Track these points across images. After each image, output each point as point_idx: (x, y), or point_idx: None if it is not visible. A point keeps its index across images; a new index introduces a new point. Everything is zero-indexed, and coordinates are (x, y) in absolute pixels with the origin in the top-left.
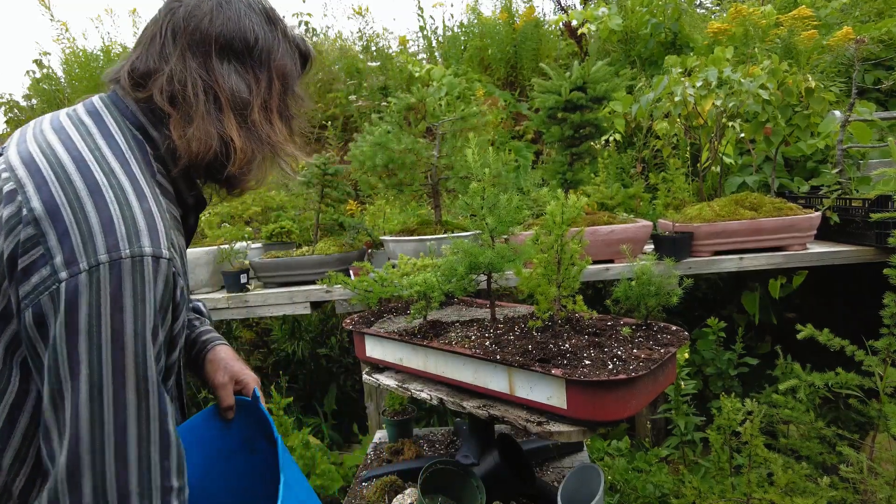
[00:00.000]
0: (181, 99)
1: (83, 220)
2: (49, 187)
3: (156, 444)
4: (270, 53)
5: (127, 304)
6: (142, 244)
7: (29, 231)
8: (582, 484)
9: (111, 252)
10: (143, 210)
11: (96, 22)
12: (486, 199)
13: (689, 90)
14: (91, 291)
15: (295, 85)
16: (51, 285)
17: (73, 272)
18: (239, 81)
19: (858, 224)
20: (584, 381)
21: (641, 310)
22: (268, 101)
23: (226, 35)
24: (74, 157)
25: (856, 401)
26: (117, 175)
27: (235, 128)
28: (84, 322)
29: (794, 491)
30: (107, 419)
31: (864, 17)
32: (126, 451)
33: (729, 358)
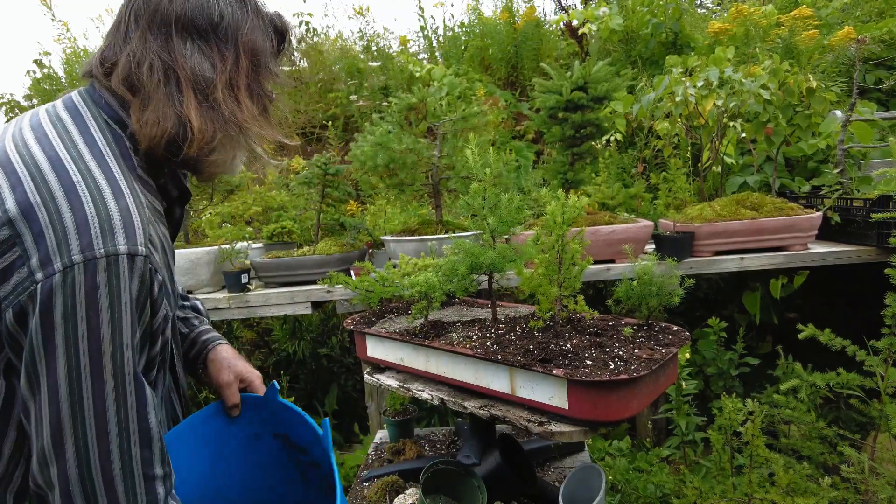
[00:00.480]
0: (138, 82)
1: (58, 220)
2: (24, 187)
3: (135, 434)
4: (238, 30)
5: (102, 303)
6: (116, 242)
7: (5, 232)
8: (583, 484)
9: (85, 251)
10: (119, 208)
11: (97, 22)
12: (488, 200)
13: (691, 90)
14: (65, 291)
15: (270, 62)
16: (28, 286)
17: (48, 273)
18: (202, 60)
19: (860, 224)
20: (585, 382)
21: (643, 310)
22: (234, 78)
23: (187, 13)
24: (50, 157)
25: (857, 401)
26: (93, 174)
27: (194, 107)
28: (60, 321)
29: (795, 491)
30: (87, 413)
31: (865, 16)
32: (108, 442)
33: (730, 358)
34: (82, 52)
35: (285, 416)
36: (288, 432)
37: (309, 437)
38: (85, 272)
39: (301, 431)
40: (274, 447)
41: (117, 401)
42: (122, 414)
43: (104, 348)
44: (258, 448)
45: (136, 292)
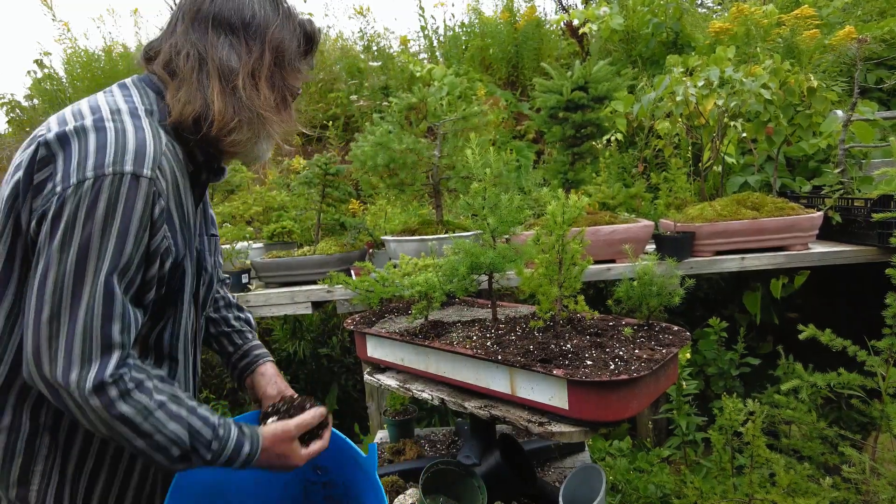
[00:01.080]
0: (176, 67)
1: (84, 145)
2: (66, 123)
3: (96, 336)
4: (266, 28)
5: (98, 216)
6: (124, 163)
7: (43, 152)
8: (583, 484)
9: (97, 169)
10: (136, 138)
11: (98, 22)
12: (488, 200)
13: (691, 90)
14: (72, 202)
15: (295, 60)
16: (50, 197)
17: (65, 186)
18: (230, 52)
19: (860, 224)
20: (585, 382)
21: (643, 310)
22: (257, 69)
23: (224, 12)
24: (91, 105)
25: (858, 401)
26: (122, 115)
27: (218, 92)
28: (61, 228)
29: (796, 491)
30: (63, 306)
31: (866, 16)
32: (73, 332)
33: (731, 358)
34: (83, 52)
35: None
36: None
37: (337, 458)
38: (92, 186)
39: (329, 452)
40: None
41: (87, 305)
42: (88, 316)
43: (90, 258)
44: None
45: (135, 210)
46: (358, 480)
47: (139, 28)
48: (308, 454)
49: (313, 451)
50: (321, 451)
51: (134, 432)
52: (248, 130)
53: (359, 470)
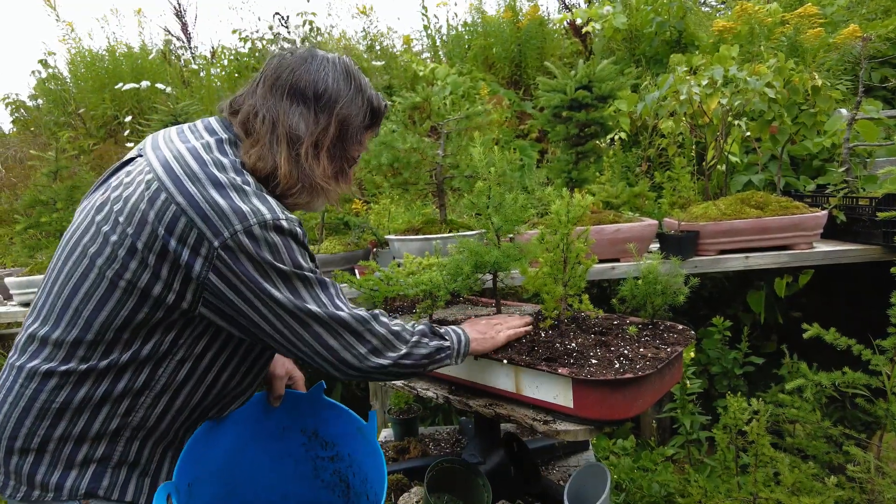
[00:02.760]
0: (252, 127)
1: (215, 206)
2: (187, 187)
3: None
4: (336, 103)
5: (262, 248)
6: (261, 216)
7: (183, 220)
8: (588, 483)
9: (242, 222)
10: (256, 195)
11: (102, 22)
12: (492, 198)
13: (695, 89)
14: (237, 247)
15: (358, 133)
16: (213, 253)
17: (221, 241)
18: (299, 121)
19: (865, 223)
20: (591, 381)
21: (648, 309)
22: (320, 140)
23: (300, 83)
24: (199, 160)
25: (863, 400)
26: (227, 171)
27: (285, 157)
28: (243, 264)
29: (800, 490)
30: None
31: (870, 14)
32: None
33: (734, 357)
34: (87, 52)
35: (325, 412)
36: (319, 427)
37: (344, 431)
38: (247, 235)
39: (336, 427)
40: (295, 442)
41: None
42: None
43: (276, 266)
44: (282, 440)
45: (297, 239)
46: (360, 449)
47: (142, 28)
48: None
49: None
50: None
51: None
52: (307, 195)
53: (361, 438)
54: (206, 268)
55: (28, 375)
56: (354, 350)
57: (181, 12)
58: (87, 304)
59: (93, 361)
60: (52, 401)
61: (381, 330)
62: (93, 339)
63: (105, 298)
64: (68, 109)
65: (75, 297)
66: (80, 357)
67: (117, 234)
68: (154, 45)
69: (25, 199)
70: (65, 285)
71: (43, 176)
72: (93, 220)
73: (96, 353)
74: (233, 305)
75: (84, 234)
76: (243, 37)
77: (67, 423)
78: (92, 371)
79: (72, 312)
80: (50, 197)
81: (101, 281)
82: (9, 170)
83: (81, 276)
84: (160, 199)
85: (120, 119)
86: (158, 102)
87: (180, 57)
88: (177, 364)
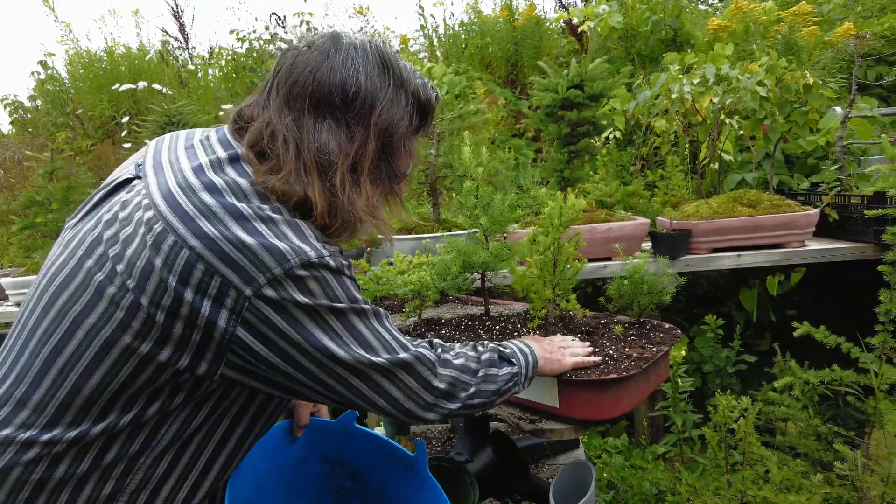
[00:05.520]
0: (269, 150)
1: (242, 247)
2: (200, 226)
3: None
4: (373, 108)
5: (313, 288)
6: (304, 255)
7: (200, 267)
8: (575, 480)
9: (282, 264)
10: (289, 225)
11: (99, 23)
12: (480, 199)
13: (687, 87)
14: (278, 295)
15: (406, 140)
16: (244, 303)
17: (255, 288)
18: (329, 139)
19: (857, 221)
20: (576, 381)
21: (634, 308)
22: (358, 161)
23: (323, 88)
24: (213, 189)
25: (853, 398)
26: (251, 201)
27: (319, 190)
28: (290, 312)
29: (789, 488)
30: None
31: (866, 12)
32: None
33: (727, 356)
34: (85, 53)
35: (355, 441)
36: (347, 457)
37: (375, 462)
38: (291, 278)
39: (366, 457)
40: (316, 472)
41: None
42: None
43: (331, 307)
44: (303, 472)
45: (347, 278)
46: (395, 480)
47: (140, 29)
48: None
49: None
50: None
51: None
52: (349, 233)
53: (398, 468)
54: (234, 322)
55: (1, 444)
56: (420, 399)
57: (178, 13)
58: (74, 367)
59: (83, 426)
60: (31, 472)
61: (447, 372)
62: (83, 405)
63: (96, 363)
64: (66, 110)
65: (58, 358)
66: (68, 423)
67: (115, 286)
68: (152, 45)
69: (22, 199)
70: (43, 343)
71: (39, 177)
72: (80, 264)
73: (88, 418)
74: (268, 362)
75: (69, 281)
76: (241, 37)
77: (49, 496)
78: (82, 438)
79: (55, 374)
80: (46, 197)
81: (91, 343)
82: (7, 171)
83: (65, 336)
84: (167, 242)
85: (118, 120)
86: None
87: (178, 57)
88: (182, 423)
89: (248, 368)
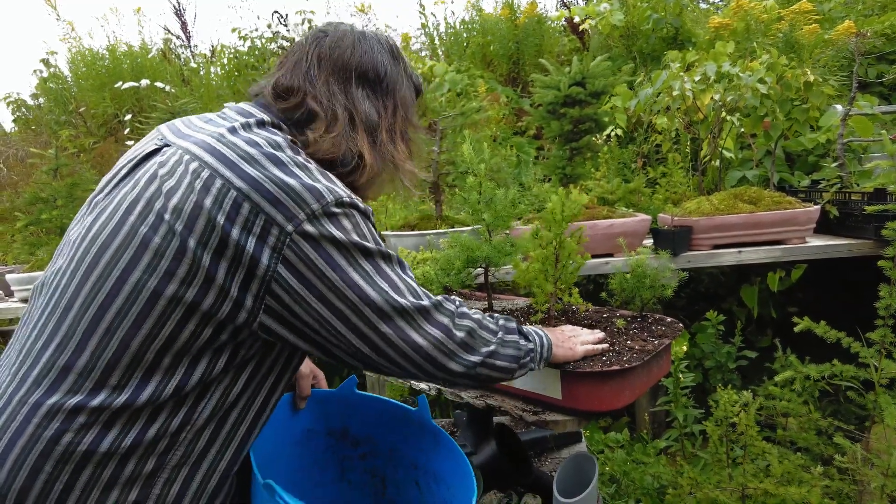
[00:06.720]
0: (324, 116)
1: (284, 185)
2: (244, 168)
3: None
4: (396, 84)
5: (346, 226)
6: (338, 193)
7: (247, 206)
8: (578, 472)
9: (319, 200)
10: (321, 172)
11: (102, 21)
12: (483, 195)
13: (688, 85)
14: (317, 230)
15: (412, 115)
16: (285, 240)
17: (296, 225)
18: (370, 107)
19: (857, 217)
20: (578, 373)
21: (636, 302)
22: (392, 125)
23: (362, 66)
24: (250, 141)
25: (854, 393)
26: (285, 150)
27: (367, 146)
28: (326, 249)
29: (789, 481)
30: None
31: (867, 10)
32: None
33: (728, 351)
34: (87, 51)
35: (358, 407)
36: (350, 424)
37: (380, 425)
38: (326, 215)
39: (370, 422)
40: (321, 444)
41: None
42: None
43: (363, 246)
44: (307, 445)
45: (369, 221)
46: (402, 439)
47: (142, 27)
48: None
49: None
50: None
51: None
52: (389, 183)
53: (403, 425)
54: (275, 259)
55: (48, 413)
56: (444, 347)
57: (181, 11)
58: (121, 322)
59: (130, 392)
60: (79, 441)
61: (465, 322)
62: (129, 363)
63: (143, 315)
64: (69, 108)
65: (105, 315)
66: (114, 386)
67: (160, 235)
68: (154, 43)
69: (26, 196)
70: (87, 306)
71: (43, 173)
72: (122, 222)
73: (133, 379)
74: (303, 304)
75: (110, 241)
76: (243, 35)
77: (94, 469)
78: (129, 406)
79: (101, 333)
80: (50, 194)
81: (138, 296)
82: (10, 168)
83: (111, 294)
84: (216, 185)
85: (120, 117)
86: (158, 101)
87: (180, 55)
88: (221, 394)
89: (283, 316)
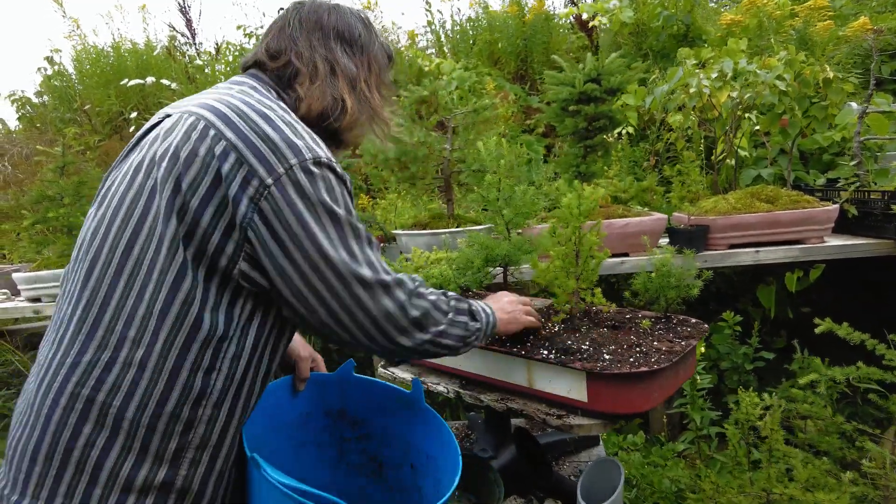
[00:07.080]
0: (307, 69)
1: (268, 140)
2: (235, 123)
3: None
4: (368, 46)
5: (319, 186)
6: (317, 152)
7: (233, 156)
8: (600, 478)
9: (298, 156)
10: (306, 131)
11: (106, 18)
12: (502, 191)
13: (704, 82)
14: (292, 184)
15: (386, 74)
16: (263, 191)
17: (274, 178)
18: (349, 61)
19: (877, 217)
20: (605, 374)
21: (661, 302)
22: (367, 77)
23: (339, 27)
24: (243, 101)
25: (875, 395)
26: (275, 109)
27: (348, 91)
28: (297, 204)
29: (815, 487)
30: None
31: (880, 7)
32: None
33: (745, 352)
34: (92, 48)
35: (355, 390)
36: (347, 405)
37: (375, 407)
38: (301, 170)
39: (366, 403)
40: (319, 426)
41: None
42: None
43: (331, 208)
44: (306, 427)
45: (342, 182)
46: (395, 421)
47: (147, 24)
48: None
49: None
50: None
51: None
52: (368, 126)
53: (397, 408)
54: (252, 209)
55: (86, 370)
56: (397, 322)
57: (185, 8)
58: (140, 269)
59: (143, 348)
60: (110, 404)
61: (421, 303)
62: (143, 314)
63: (154, 262)
64: (74, 106)
65: (125, 266)
66: (132, 339)
67: (159, 178)
68: (159, 41)
69: (32, 194)
70: (110, 259)
71: (50, 172)
72: (132, 180)
73: (146, 335)
74: (272, 256)
75: (125, 196)
76: (247, 33)
77: (127, 435)
78: (150, 357)
79: (123, 285)
80: (57, 192)
81: (151, 242)
82: (15, 166)
83: (129, 243)
84: (210, 135)
85: (125, 115)
86: (163, 98)
87: (185, 53)
88: (230, 362)
89: (258, 262)
